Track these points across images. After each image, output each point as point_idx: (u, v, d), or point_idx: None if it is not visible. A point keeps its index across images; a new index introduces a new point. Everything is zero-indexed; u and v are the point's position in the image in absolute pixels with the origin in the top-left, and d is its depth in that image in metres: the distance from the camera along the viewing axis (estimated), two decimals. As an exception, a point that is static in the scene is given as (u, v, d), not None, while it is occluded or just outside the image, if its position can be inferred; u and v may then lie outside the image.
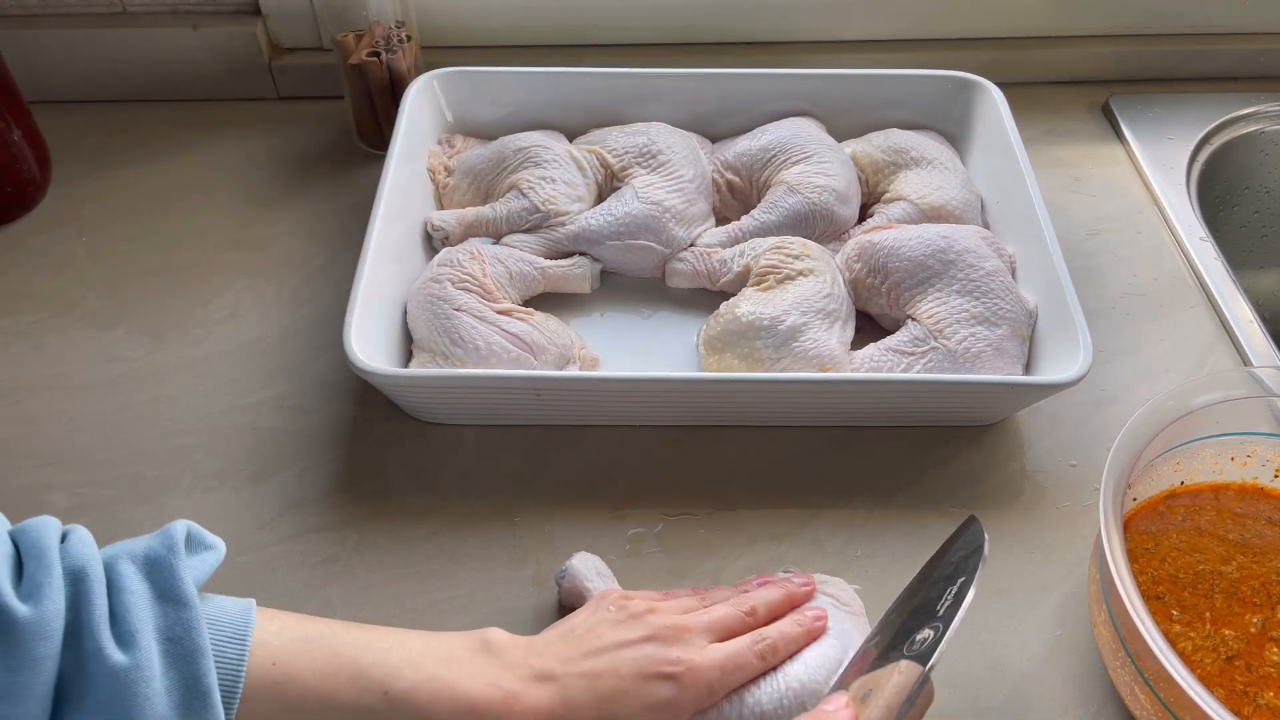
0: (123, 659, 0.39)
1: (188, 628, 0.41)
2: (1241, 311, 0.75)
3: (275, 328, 0.74)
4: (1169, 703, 0.48)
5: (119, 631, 0.40)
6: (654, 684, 0.47)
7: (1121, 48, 0.94)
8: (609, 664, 0.47)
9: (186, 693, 0.40)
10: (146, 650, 0.39)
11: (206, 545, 0.46)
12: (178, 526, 0.44)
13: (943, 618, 0.45)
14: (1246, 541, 0.59)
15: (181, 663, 0.40)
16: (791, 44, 0.94)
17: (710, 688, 0.48)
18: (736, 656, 0.49)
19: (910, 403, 0.65)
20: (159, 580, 0.42)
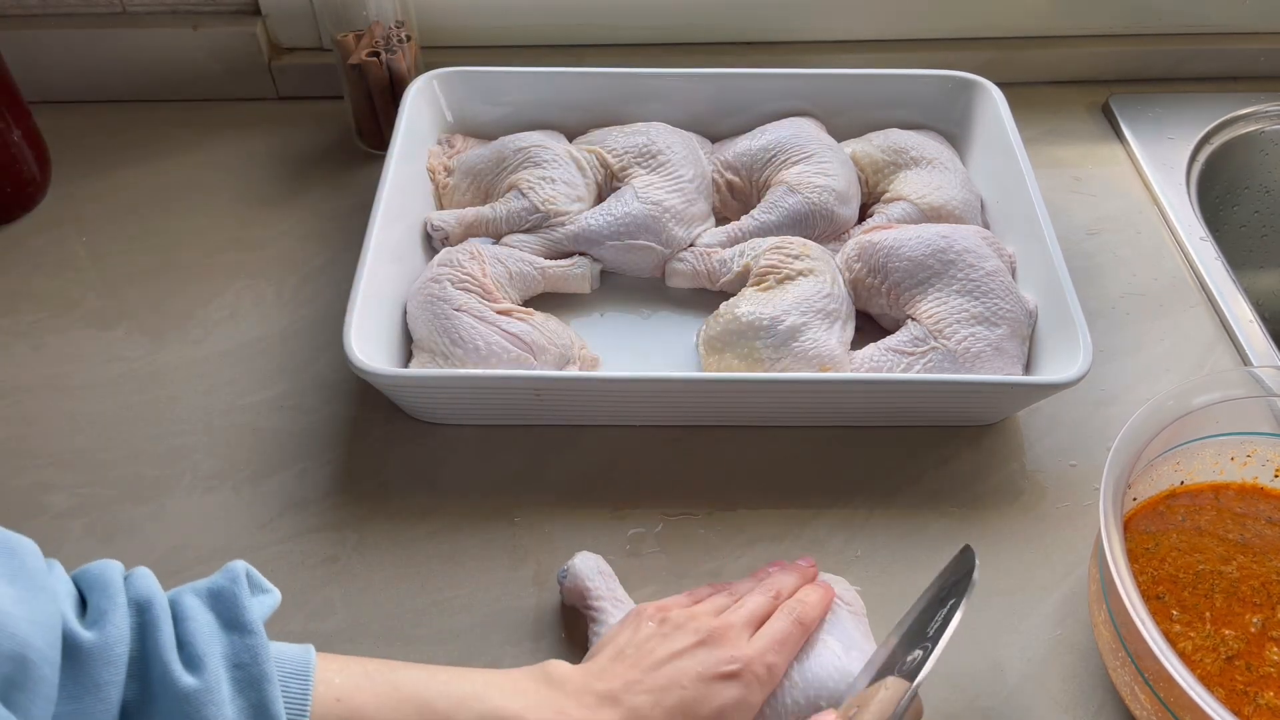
0: (192, 681, 0.39)
1: (254, 654, 0.41)
2: (1241, 311, 0.75)
3: (275, 328, 0.74)
4: (1169, 703, 0.48)
5: (186, 656, 0.40)
6: (719, 686, 0.47)
7: (1121, 47, 0.94)
8: (671, 677, 0.47)
9: (256, 718, 0.40)
10: (215, 674, 0.40)
11: (264, 589, 0.46)
12: (238, 565, 0.44)
13: (932, 638, 0.46)
14: (1246, 541, 0.59)
15: (249, 689, 0.40)
16: (791, 44, 0.94)
17: (771, 671, 0.49)
18: (781, 633, 0.50)
19: (910, 402, 0.65)
20: (223, 610, 0.42)
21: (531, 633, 0.58)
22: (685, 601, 0.53)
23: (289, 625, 0.58)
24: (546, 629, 0.58)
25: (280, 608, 0.58)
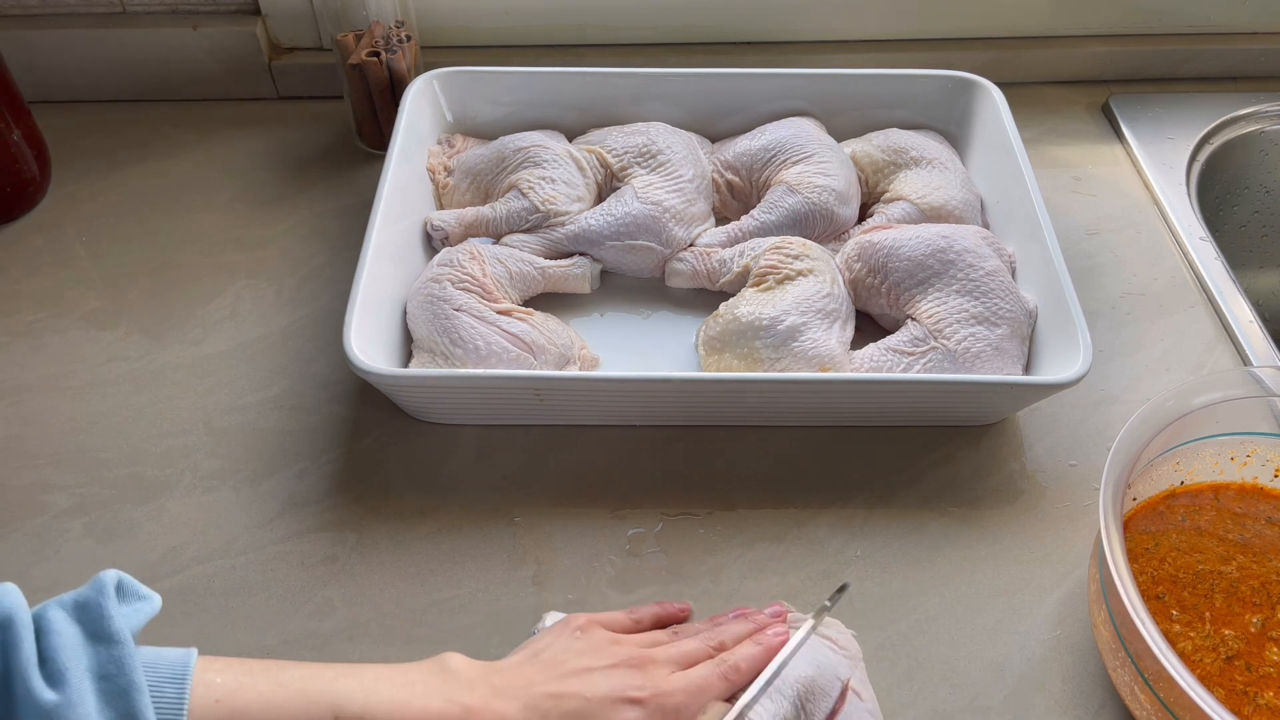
0: (53, 697, 0.38)
1: (120, 665, 0.40)
2: (1241, 311, 0.75)
3: (275, 328, 0.74)
4: (1169, 703, 0.48)
5: (48, 671, 0.39)
6: (621, 708, 0.47)
7: (1121, 47, 0.94)
8: (576, 687, 0.47)
9: None
10: (78, 688, 0.39)
11: (140, 596, 0.44)
12: (107, 575, 0.43)
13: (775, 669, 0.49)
14: (1246, 541, 0.59)
15: (117, 700, 0.40)
16: (791, 44, 0.94)
17: (677, 711, 0.48)
18: (701, 680, 0.49)
19: (910, 402, 0.65)
20: (89, 621, 0.41)
21: (531, 632, 0.58)
22: (624, 621, 0.53)
23: (289, 625, 0.58)
24: (546, 629, 0.58)
25: (280, 607, 0.59)
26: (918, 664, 0.57)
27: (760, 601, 0.59)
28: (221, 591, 0.59)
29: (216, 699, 0.43)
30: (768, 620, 0.54)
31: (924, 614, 0.59)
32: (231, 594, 0.59)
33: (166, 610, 0.58)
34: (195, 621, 0.58)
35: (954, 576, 0.61)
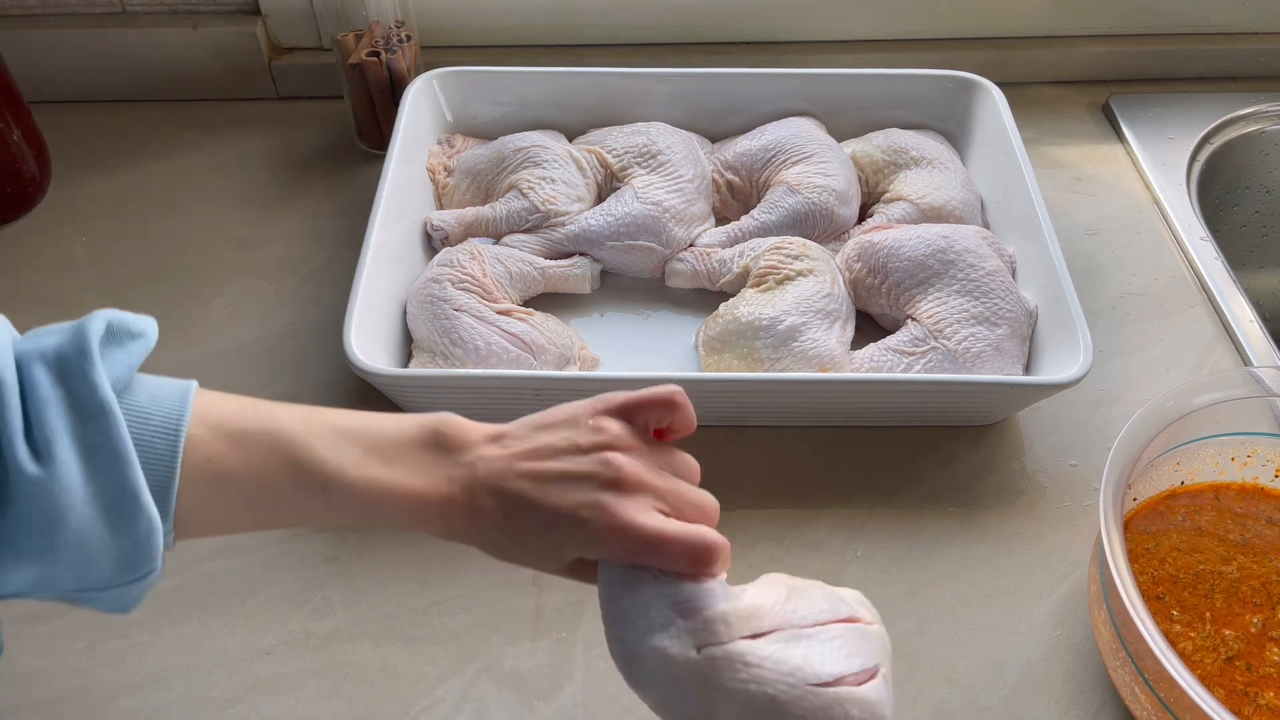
0: (37, 472, 0.37)
1: (107, 437, 0.38)
2: (1241, 311, 0.75)
3: (275, 328, 0.74)
4: (1169, 703, 0.48)
5: (33, 441, 0.37)
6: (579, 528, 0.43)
7: (1121, 47, 0.94)
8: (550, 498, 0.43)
9: (114, 501, 0.38)
10: (64, 462, 0.37)
11: (133, 334, 0.42)
12: (93, 323, 0.40)
13: None
14: (1247, 541, 0.59)
15: (103, 473, 0.38)
16: (791, 44, 0.94)
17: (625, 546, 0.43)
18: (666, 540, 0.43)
19: (910, 403, 0.65)
20: (73, 387, 0.38)
21: (531, 633, 0.58)
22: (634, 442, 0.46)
23: (289, 625, 0.58)
24: (547, 629, 0.58)
25: (280, 608, 0.59)
26: (918, 664, 0.57)
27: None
28: (222, 591, 0.59)
29: (208, 458, 0.41)
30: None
31: (924, 614, 0.59)
32: (232, 594, 0.59)
33: (167, 611, 0.59)
34: (195, 621, 0.58)
35: (954, 577, 0.61)
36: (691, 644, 0.42)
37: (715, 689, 0.42)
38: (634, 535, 0.42)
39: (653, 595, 0.43)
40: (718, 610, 0.43)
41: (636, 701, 0.55)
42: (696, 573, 0.43)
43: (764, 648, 0.43)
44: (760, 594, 0.46)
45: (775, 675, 0.43)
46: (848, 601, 0.48)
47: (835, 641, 0.45)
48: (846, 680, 0.44)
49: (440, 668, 0.56)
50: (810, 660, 0.43)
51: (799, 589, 0.47)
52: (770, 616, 0.45)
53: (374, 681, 0.56)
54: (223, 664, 0.56)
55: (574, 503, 0.42)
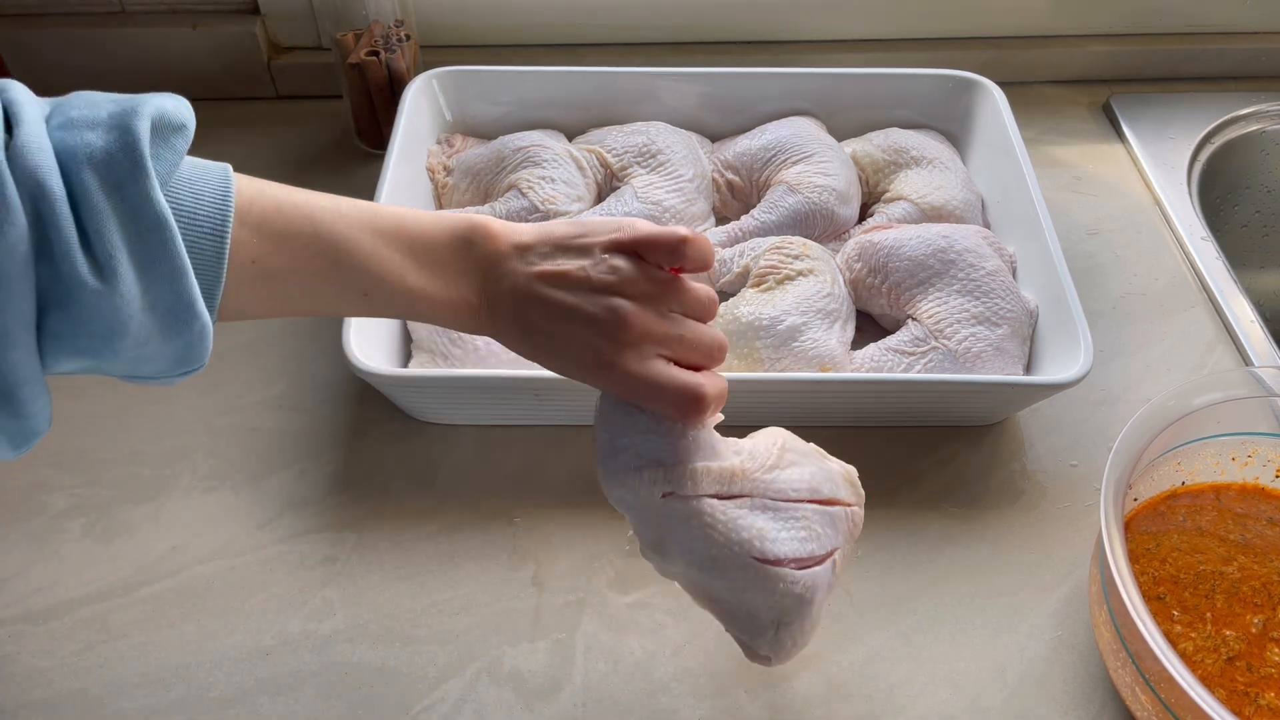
0: (99, 285, 0.37)
1: (165, 250, 0.38)
2: (1242, 311, 0.75)
3: (274, 327, 0.74)
4: (1170, 703, 0.48)
5: (93, 254, 0.37)
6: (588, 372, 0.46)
7: (1122, 47, 0.94)
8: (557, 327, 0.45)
9: (171, 308, 0.39)
10: (124, 277, 0.37)
11: (174, 126, 0.43)
12: (140, 122, 0.40)
13: None
14: (1248, 542, 0.59)
15: (161, 284, 0.38)
16: (791, 43, 0.94)
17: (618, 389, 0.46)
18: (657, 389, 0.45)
19: (910, 403, 0.65)
20: (127, 197, 0.38)
21: (530, 633, 0.58)
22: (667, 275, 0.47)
23: (288, 626, 0.58)
24: (547, 630, 0.58)
25: (279, 608, 0.59)
26: (919, 665, 0.57)
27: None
28: (221, 592, 0.59)
29: (253, 260, 0.42)
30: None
31: (925, 614, 0.59)
32: (231, 594, 0.59)
33: (165, 611, 0.59)
34: (194, 622, 0.58)
35: (955, 577, 0.60)
36: (660, 489, 0.45)
37: (669, 531, 0.45)
38: (627, 383, 0.45)
39: (638, 435, 0.46)
40: (694, 465, 0.45)
41: (637, 702, 0.55)
42: (684, 420, 0.46)
43: (725, 510, 0.45)
44: (748, 453, 0.48)
45: (724, 539, 0.45)
46: (834, 480, 0.50)
47: (799, 522, 0.47)
48: (789, 563, 0.46)
49: (440, 668, 0.56)
50: (765, 535, 0.46)
51: (791, 457, 0.49)
52: (745, 481, 0.46)
53: (373, 682, 0.56)
54: (222, 664, 0.56)
55: (580, 343, 0.45)
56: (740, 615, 0.47)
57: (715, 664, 0.57)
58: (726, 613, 0.47)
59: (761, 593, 0.46)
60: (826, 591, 0.48)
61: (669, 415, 0.46)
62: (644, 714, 0.55)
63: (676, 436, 0.46)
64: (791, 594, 0.46)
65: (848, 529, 0.49)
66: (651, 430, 0.46)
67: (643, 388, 0.45)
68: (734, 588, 0.46)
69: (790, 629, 0.47)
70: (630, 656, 0.57)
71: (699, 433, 0.46)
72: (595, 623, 0.58)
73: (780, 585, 0.45)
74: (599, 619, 0.58)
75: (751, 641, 0.48)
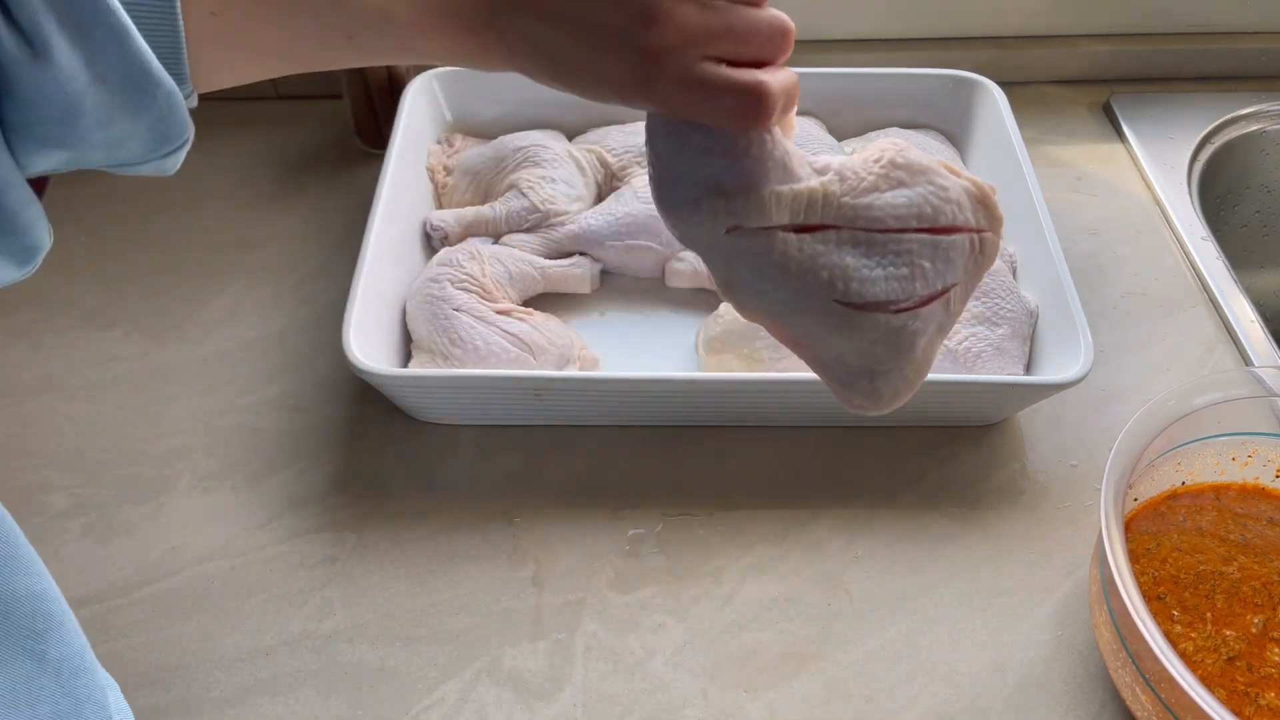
0: (32, 60, 0.33)
1: (94, 8, 0.33)
2: (1243, 311, 0.75)
3: (274, 327, 0.74)
4: (1170, 703, 0.48)
5: (17, 28, 0.33)
6: (617, 91, 0.38)
7: (1122, 47, 0.94)
8: (580, 54, 0.38)
9: (124, 78, 0.35)
10: (58, 48, 0.33)
11: None
12: None
13: None
14: (1248, 542, 0.59)
15: (104, 51, 0.34)
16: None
17: (663, 108, 0.38)
18: (707, 99, 0.37)
19: (911, 402, 0.65)
20: None
21: (530, 633, 0.58)
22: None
23: (288, 626, 0.58)
24: (547, 630, 0.58)
25: (279, 608, 0.59)
26: (919, 665, 0.57)
27: (761, 602, 0.59)
28: (220, 592, 0.59)
29: (211, 11, 0.37)
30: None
31: (925, 615, 0.59)
32: (230, 594, 0.59)
33: (165, 611, 0.59)
34: (194, 622, 0.58)
35: (955, 577, 0.60)
36: (722, 222, 0.37)
37: (738, 271, 0.38)
38: (668, 97, 0.37)
39: (691, 160, 0.38)
40: (763, 191, 0.37)
41: (636, 702, 0.55)
42: (746, 126, 0.38)
43: (802, 246, 0.37)
44: (836, 172, 0.40)
45: (799, 281, 0.37)
46: (954, 200, 0.40)
47: (900, 258, 0.38)
48: (884, 308, 0.38)
49: (440, 668, 0.56)
50: (851, 274, 0.38)
51: (900, 175, 0.40)
52: (830, 208, 0.38)
53: (373, 682, 0.56)
54: (221, 665, 0.56)
55: (603, 58, 0.37)
56: (828, 361, 0.40)
57: (716, 664, 0.57)
58: (814, 358, 0.41)
59: (850, 340, 0.39)
60: (936, 334, 0.40)
61: (723, 124, 0.38)
62: (644, 714, 0.55)
63: (739, 155, 0.37)
64: (886, 341, 0.39)
65: (971, 261, 0.41)
66: (707, 151, 0.38)
67: (687, 99, 0.37)
68: (817, 332, 0.39)
69: (889, 377, 0.40)
70: (630, 656, 0.57)
71: (769, 149, 0.38)
72: (595, 623, 0.58)
73: (870, 333, 0.38)
74: (599, 619, 0.58)
75: (844, 390, 0.41)
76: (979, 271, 0.41)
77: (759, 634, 0.58)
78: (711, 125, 0.38)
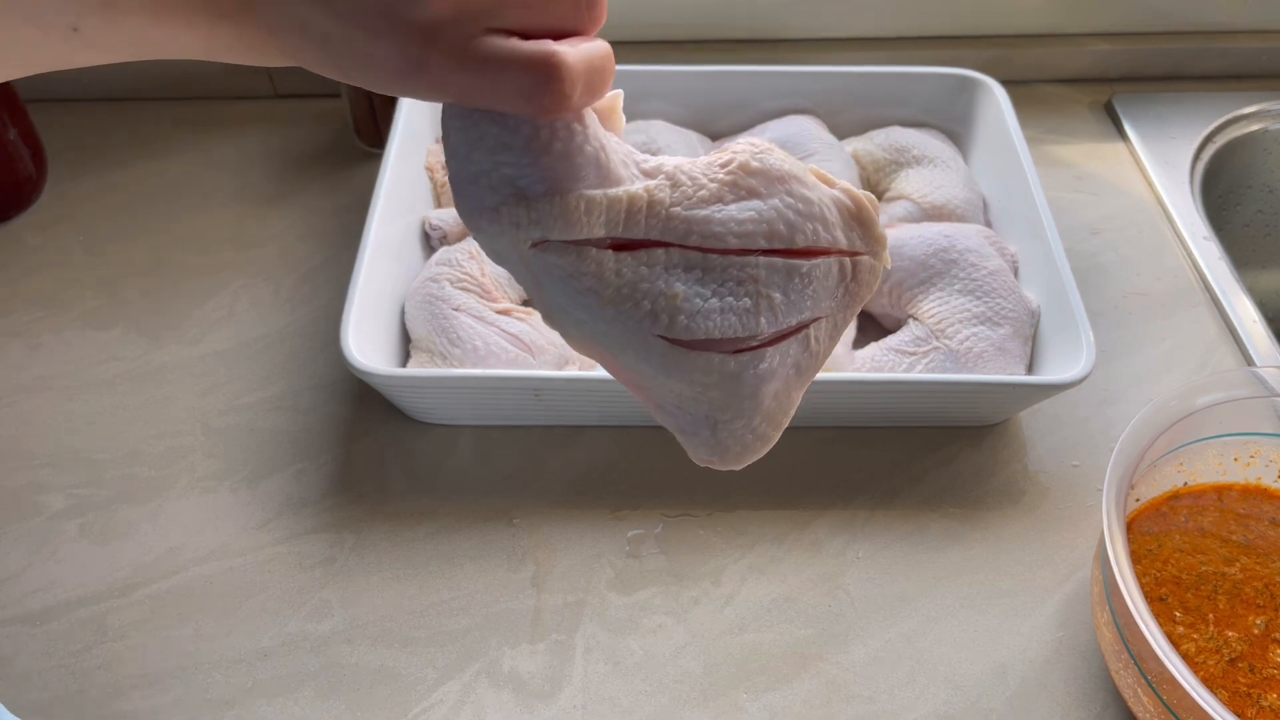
0: None
1: None
2: (1245, 311, 0.75)
3: (272, 327, 0.74)
4: (1172, 705, 0.48)
5: None
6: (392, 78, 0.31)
7: (1124, 46, 0.94)
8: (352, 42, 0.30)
9: None
10: None
11: None
12: None
13: None
14: (1250, 543, 0.59)
15: None
16: (792, 41, 0.94)
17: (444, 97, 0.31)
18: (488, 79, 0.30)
19: (911, 403, 0.65)
20: None
21: (530, 634, 0.57)
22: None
23: (286, 627, 0.58)
24: (546, 631, 0.58)
25: (277, 609, 0.58)
26: (920, 666, 0.56)
27: (761, 603, 0.59)
28: (219, 593, 0.59)
29: None
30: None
31: (926, 616, 0.59)
32: (229, 595, 0.59)
33: (163, 612, 0.58)
34: (192, 623, 0.58)
35: (956, 578, 0.60)
36: (525, 234, 0.30)
37: (549, 294, 0.31)
38: (449, 82, 0.30)
39: (487, 156, 0.31)
40: (572, 196, 0.30)
41: (637, 704, 0.55)
42: (536, 111, 0.30)
43: (621, 269, 0.31)
44: (668, 176, 0.32)
45: (615, 310, 0.31)
46: (817, 215, 0.33)
47: (745, 286, 0.32)
48: (722, 345, 0.32)
49: (439, 669, 0.56)
50: (682, 303, 0.31)
51: (752, 183, 0.33)
52: (658, 220, 0.31)
53: (372, 683, 0.56)
54: (220, 666, 0.56)
55: (378, 52, 0.30)
56: (667, 405, 0.34)
57: (716, 665, 0.56)
58: (651, 401, 0.34)
59: (681, 383, 0.32)
60: (794, 378, 0.34)
61: (516, 111, 0.30)
62: (644, 716, 0.55)
63: (539, 151, 0.30)
64: (723, 386, 0.32)
65: (841, 290, 0.34)
66: (504, 147, 0.31)
67: (468, 80, 0.30)
68: (646, 371, 0.32)
69: (732, 428, 0.33)
70: (630, 658, 0.57)
71: (579, 143, 0.31)
72: (595, 624, 0.58)
73: (704, 376, 0.32)
74: (599, 620, 0.58)
75: (686, 440, 0.34)
76: (853, 303, 0.35)
77: (759, 635, 0.58)
78: (506, 113, 0.31)
